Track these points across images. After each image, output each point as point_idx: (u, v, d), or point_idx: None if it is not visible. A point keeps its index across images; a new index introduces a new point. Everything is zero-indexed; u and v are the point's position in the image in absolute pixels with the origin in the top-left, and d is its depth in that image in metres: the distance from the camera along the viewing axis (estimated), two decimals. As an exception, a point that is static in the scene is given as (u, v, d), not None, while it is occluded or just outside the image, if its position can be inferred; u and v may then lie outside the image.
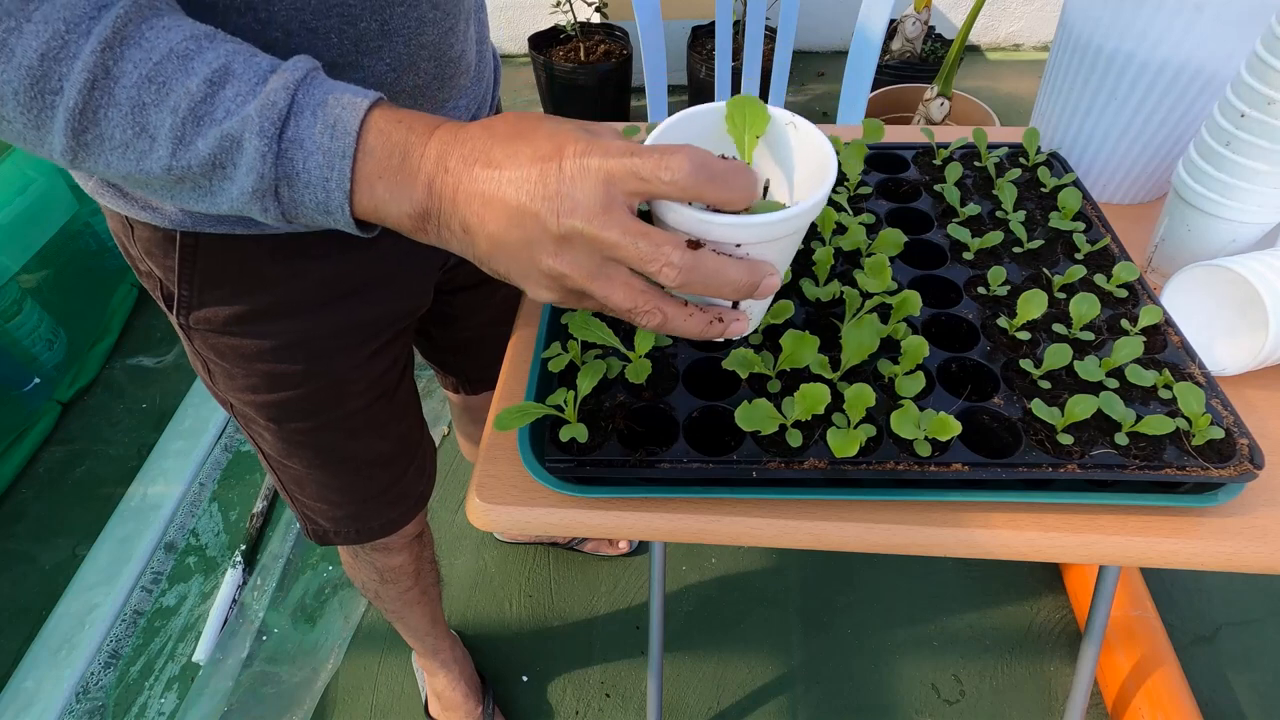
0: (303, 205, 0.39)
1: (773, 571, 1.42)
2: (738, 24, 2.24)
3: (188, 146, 0.37)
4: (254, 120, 0.36)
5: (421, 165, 0.37)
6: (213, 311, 0.59)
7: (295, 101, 0.37)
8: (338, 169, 0.37)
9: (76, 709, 1.29)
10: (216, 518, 1.56)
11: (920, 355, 0.53)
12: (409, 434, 0.79)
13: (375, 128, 0.38)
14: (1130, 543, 0.51)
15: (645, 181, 0.35)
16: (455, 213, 0.37)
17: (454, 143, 0.37)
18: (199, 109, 0.36)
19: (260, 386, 0.65)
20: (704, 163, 0.35)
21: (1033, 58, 2.83)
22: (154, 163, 0.37)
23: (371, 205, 0.39)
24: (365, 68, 0.51)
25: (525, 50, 2.54)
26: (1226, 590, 1.34)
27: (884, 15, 1.27)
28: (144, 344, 1.92)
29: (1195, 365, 0.55)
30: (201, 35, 0.38)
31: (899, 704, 1.24)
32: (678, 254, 0.36)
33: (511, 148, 0.36)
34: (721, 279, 0.38)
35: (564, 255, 0.36)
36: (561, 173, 0.35)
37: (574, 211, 0.35)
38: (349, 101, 0.38)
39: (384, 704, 1.28)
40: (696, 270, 0.36)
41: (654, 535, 0.54)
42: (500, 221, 0.36)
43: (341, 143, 0.37)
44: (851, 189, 0.72)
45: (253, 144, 0.36)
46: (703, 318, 0.40)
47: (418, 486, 0.84)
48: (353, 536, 0.81)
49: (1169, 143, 0.73)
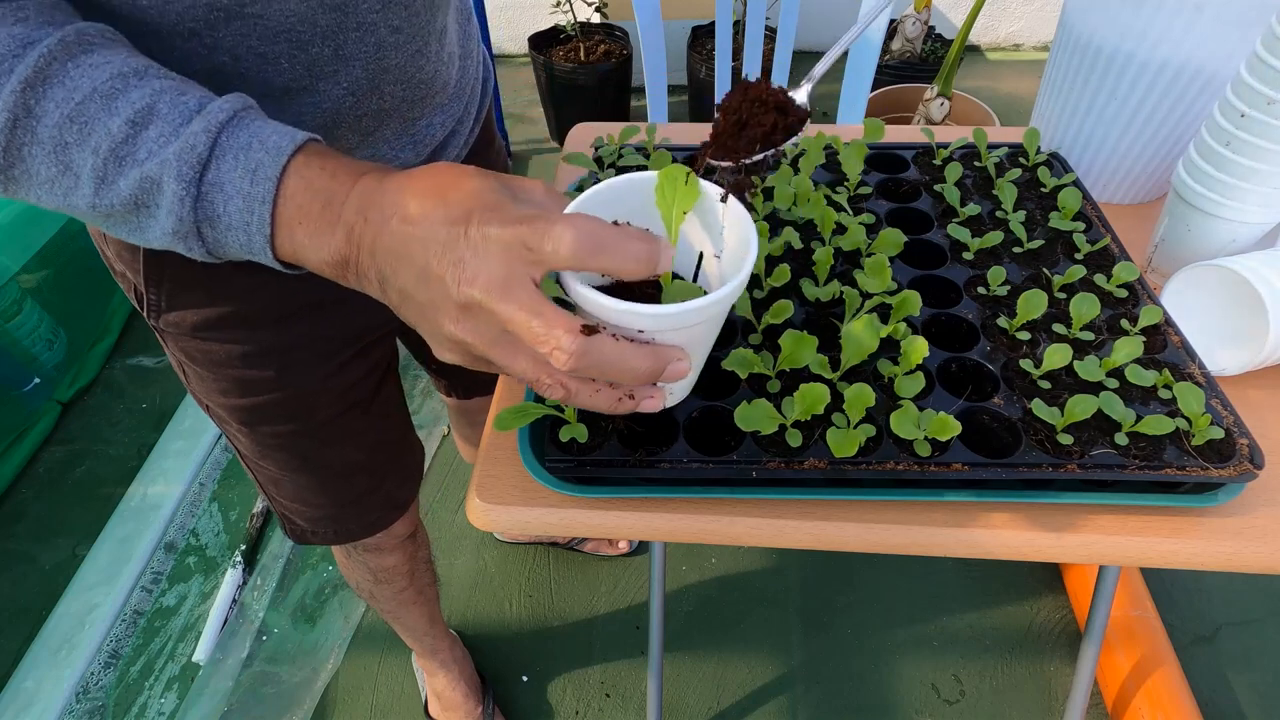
0: (226, 245, 0.39)
1: (773, 571, 1.42)
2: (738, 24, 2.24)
3: (110, 186, 0.37)
4: (172, 164, 0.36)
5: (342, 214, 0.37)
6: (180, 316, 0.59)
7: (218, 144, 0.37)
8: (257, 214, 0.37)
9: (76, 709, 1.29)
10: (216, 518, 1.56)
11: (920, 355, 0.53)
12: (388, 442, 0.79)
13: (297, 173, 0.37)
14: (1130, 543, 0.51)
15: (532, 252, 0.34)
16: (373, 264, 0.37)
17: (376, 192, 0.37)
18: (120, 149, 0.37)
19: (231, 391, 0.64)
20: (590, 232, 0.33)
21: (1033, 58, 2.83)
22: (79, 199, 0.38)
23: (291, 250, 0.38)
24: (321, 92, 0.50)
25: (525, 50, 2.54)
26: (1226, 590, 1.34)
27: (884, 15, 1.27)
28: (144, 344, 1.92)
29: (1195, 365, 0.55)
30: (130, 73, 0.37)
31: (899, 704, 1.24)
32: (568, 339, 0.34)
33: (428, 205, 0.35)
34: (618, 367, 0.36)
35: (465, 322, 0.35)
36: (467, 239, 0.34)
37: (474, 281, 0.34)
38: (273, 145, 0.37)
39: (384, 704, 1.28)
40: (588, 356, 0.34)
41: (654, 535, 0.54)
42: (409, 279, 0.35)
43: (262, 188, 0.37)
44: (851, 189, 0.72)
45: (171, 187, 0.36)
46: (610, 395, 0.39)
47: (399, 492, 0.83)
48: (330, 537, 0.81)
49: (1169, 143, 0.73)
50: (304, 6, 0.45)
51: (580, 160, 0.73)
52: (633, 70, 2.42)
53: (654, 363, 0.37)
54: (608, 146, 0.77)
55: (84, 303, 1.84)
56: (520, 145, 2.52)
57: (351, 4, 0.47)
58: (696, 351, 0.42)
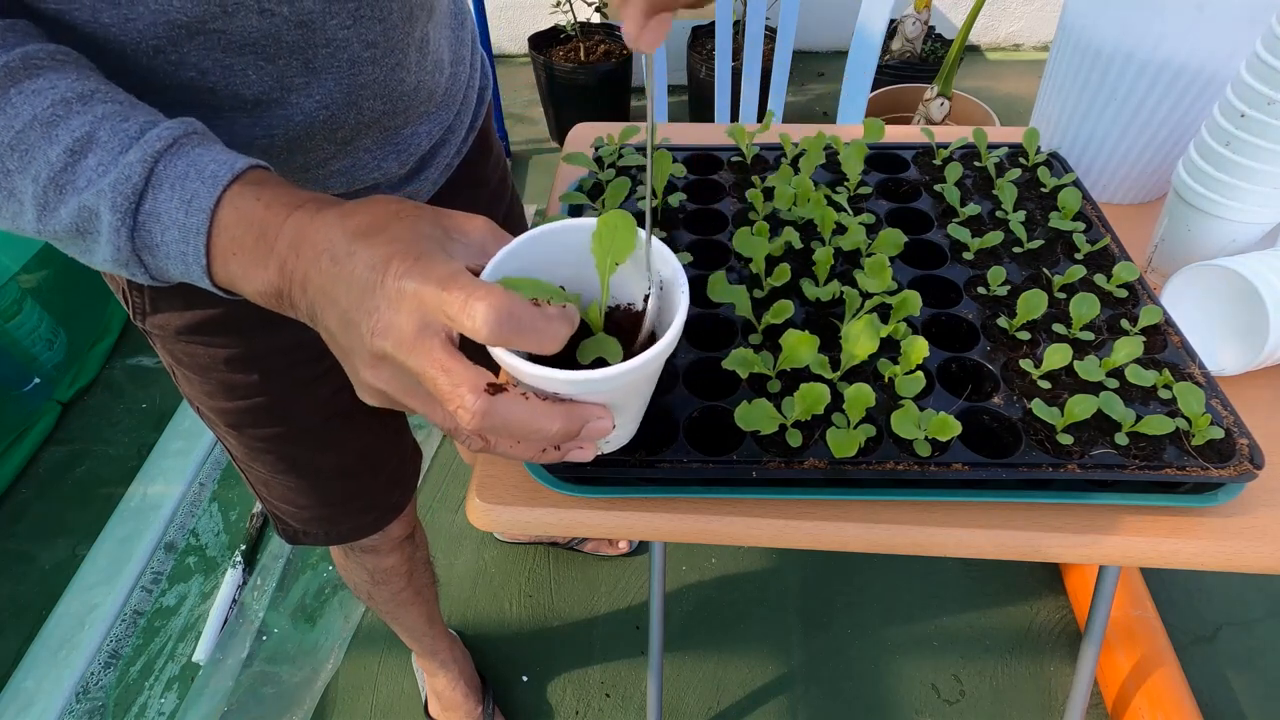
0: (168, 272, 0.39)
1: (773, 571, 1.42)
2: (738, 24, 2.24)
3: (51, 213, 0.37)
4: (107, 194, 0.36)
5: (275, 247, 0.36)
6: (165, 319, 0.59)
7: (154, 174, 0.37)
8: (193, 245, 0.37)
9: (76, 709, 1.29)
10: (216, 518, 1.56)
11: (920, 355, 0.53)
12: (377, 447, 0.78)
13: (232, 204, 0.37)
14: (1130, 543, 0.51)
15: (452, 321, 0.33)
16: (303, 299, 0.36)
17: (309, 227, 0.36)
18: (60, 178, 0.37)
19: (218, 394, 0.64)
20: (510, 312, 0.32)
21: (1033, 58, 2.83)
22: (26, 224, 0.38)
23: (227, 278, 0.38)
24: (292, 104, 0.50)
25: (525, 50, 2.54)
26: (1226, 590, 1.34)
27: (884, 15, 1.27)
28: (144, 344, 1.92)
29: (1195, 365, 0.55)
30: (74, 98, 0.37)
31: (899, 704, 1.24)
32: (471, 398, 0.32)
33: (355, 246, 0.34)
34: (528, 427, 0.34)
35: (379, 371, 0.35)
36: (383, 289, 0.33)
37: (386, 333, 0.33)
38: (210, 175, 0.37)
39: (384, 704, 1.28)
40: (492, 416, 0.33)
41: (654, 535, 0.54)
42: (333, 321, 0.35)
43: (196, 219, 0.37)
44: (851, 189, 0.72)
45: (106, 218, 0.37)
46: (532, 446, 0.37)
47: (390, 496, 0.83)
48: (322, 538, 0.81)
49: (1169, 143, 0.73)
50: (268, 23, 0.45)
51: (580, 160, 0.73)
52: (633, 70, 2.41)
53: (566, 423, 0.36)
54: (608, 146, 0.77)
55: (84, 303, 1.84)
56: (520, 145, 2.52)
57: (319, 21, 0.47)
58: (628, 406, 0.41)
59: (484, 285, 0.33)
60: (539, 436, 0.35)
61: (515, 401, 0.34)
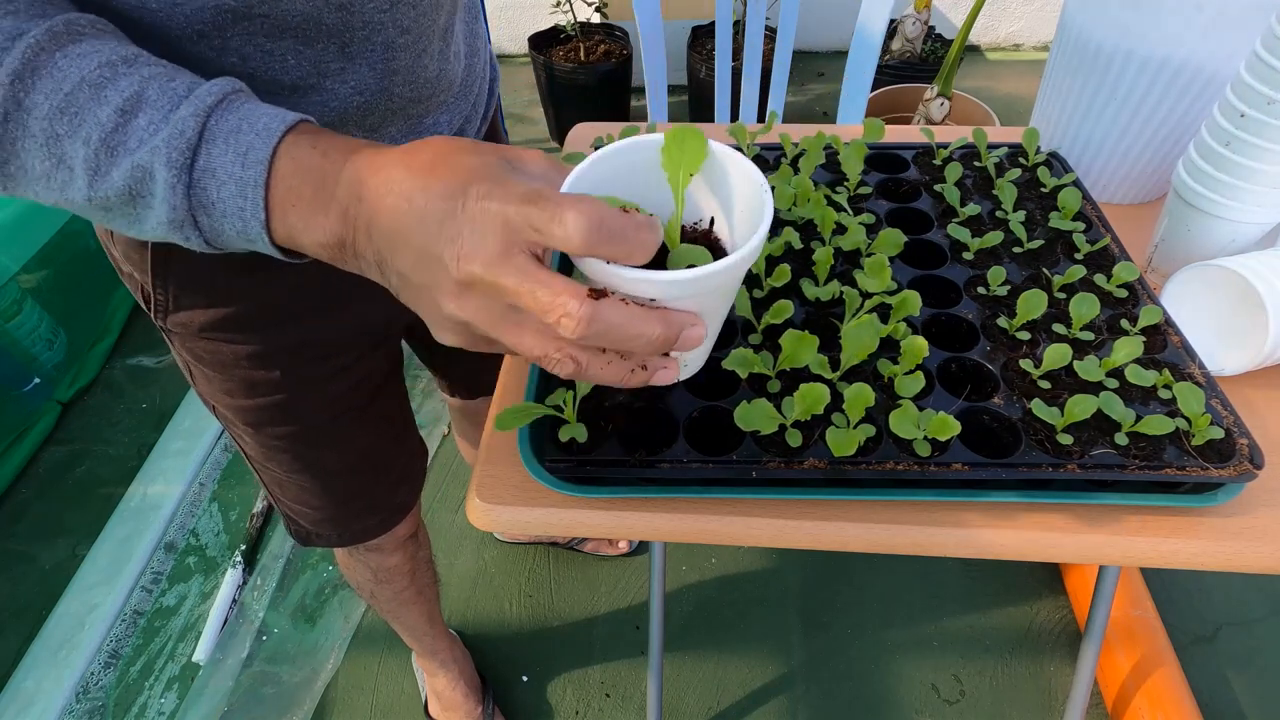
0: (223, 233, 0.38)
1: (773, 571, 1.42)
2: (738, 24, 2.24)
3: (103, 177, 0.36)
4: (162, 150, 0.36)
5: (335, 194, 0.36)
6: (189, 316, 0.59)
7: (207, 128, 0.36)
8: (251, 198, 0.36)
9: (76, 709, 1.29)
10: (216, 518, 1.56)
11: (920, 355, 0.53)
12: (390, 444, 0.79)
13: (288, 155, 0.37)
14: (1130, 543, 0.51)
15: (540, 234, 0.33)
16: (369, 245, 0.36)
17: (369, 170, 0.35)
18: (111, 139, 0.36)
19: (237, 391, 0.64)
20: (600, 220, 0.32)
21: (1033, 58, 2.83)
22: (75, 193, 0.37)
23: (286, 233, 0.37)
24: (328, 90, 0.50)
25: (525, 50, 2.54)
26: (1226, 590, 1.34)
27: (884, 15, 1.27)
28: (144, 344, 1.92)
29: (1195, 365, 0.55)
30: (119, 61, 0.37)
31: (899, 704, 1.24)
32: (575, 304, 0.32)
33: (423, 182, 0.34)
34: (629, 332, 0.34)
35: (466, 301, 0.34)
36: (464, 214, 0.33)
37: (473, 257, 0.33)
38: (263, 127, 0.37)
39: (384, 704, 1.28)
40: (597, 322, 0.33)
41: (654, 535, 0.54)
42: (407, 260, 0.35)
43: (253, 172, 0.36)
44: (851, 189, 0.72)
45: (162, 175, 0.36)
46: (622, 366, 0.37)
47: (399, 496, 0.84)
48: (334, 540, 0.81)
49: (1169, 143, 0.73)
50: (310, 6, 0.45)
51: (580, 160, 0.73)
52: (633, 70, 2.41)
53: (666, 329, 0.35)
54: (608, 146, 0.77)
55: (84, 303, 1.84)
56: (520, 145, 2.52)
57: (358, 4, 0.47)
58: (711, 319, 0.40)
59: (571, 195, 0.33)
60: (640, 342, 0.35)
61: (617, 306, 0.34)
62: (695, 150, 0.39)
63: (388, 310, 0.68)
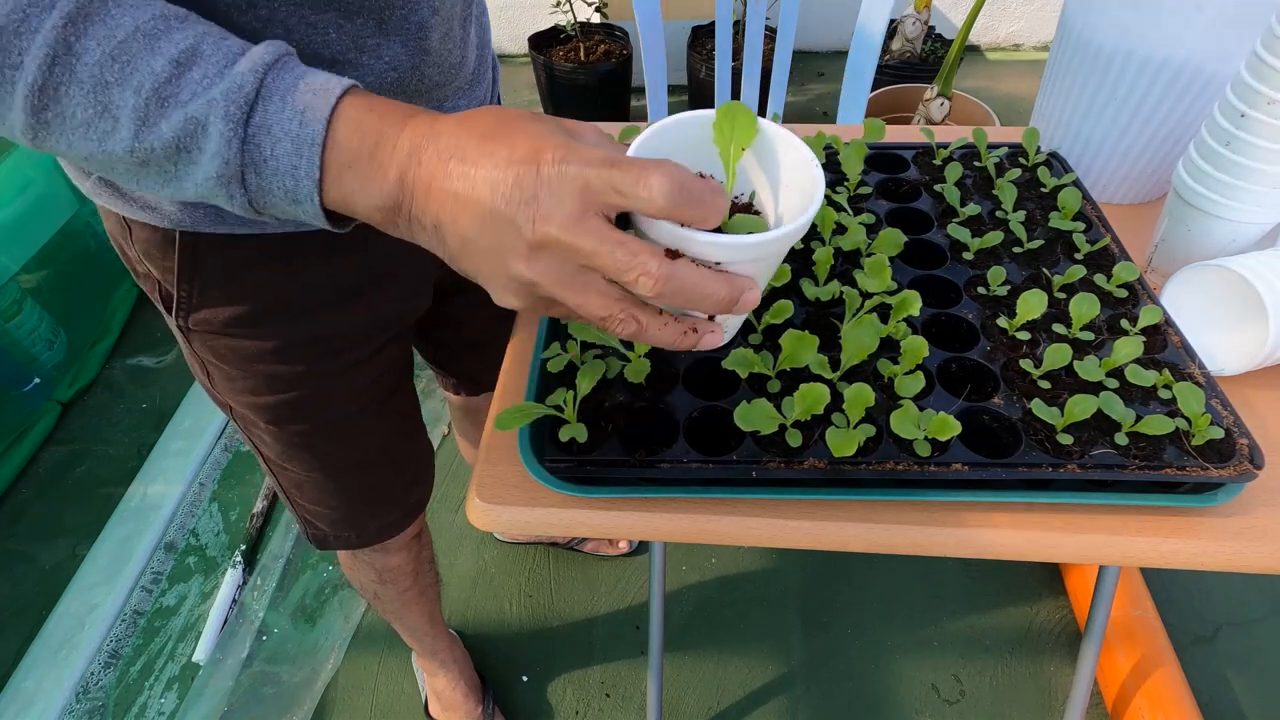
0: (270, 193, 0.37)
1: (773, 571, 1.42)
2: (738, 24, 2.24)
3: (151, 128, 0.36)
4: (219, 103, 0.35)
5: (393, 157, 0.36)
6: (212, 312, 0.59)
7: (264, 85, 0.36)
8: (306, 157, 0.36)
9: (76, 709, 1.29)
10: (216, 518, 1.56)
11: (920, 355, 0.53)
12: (407, 439, 0.79)
13: (346, 115, 0.36)
14: (1130, 543, 0.51)
15: (623, 196, 0.34)
16: (428, 208, 0.36)
17: (429, 135, 0.36)
18: (163, 90, 0.35)
19: (260, 388, 0.64)
20: (683, 183, 0.34)
21: (1033, 58, 2.83)
22: (116, 144, 0.36)
23: (340, 195, 0.37)
24: (364, 65, 0.51)
25: (525, 50, 2.54)
26: (1226, 590, 1.34)
27: (884, 15, 1.27)
28: (144, 344, 1.92)
29: (1195, 365, 0.55)
30: (171, 15, 0.37)
31: (899, 704, 1.24)
32: (655, 263, 0.34)
33: (488, 146, 0.34)
34: (700, 291, 0.36)
35: (537, 262, 0.35)
36: (539, 177, 0.33)
37: (550, 218, 0.33)
38: (320, 87, 0.36)
39: (384, 704, 1.28)
40: (673, 280, 0.35)
41: (654, 535, 0.54)
42: (472, 223, 0.35)
43: (311, 129, 0.36)
44: (851, 189, 0.72)
45: (217, 128, 0.35)
46: (677, 328, 0.39)
47: (415, 492, 0.84)
48: (352, 541, 0.81)
49: (1169, 143, 0.73)
50: None
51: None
52: (633, 70, 2.42)
53: (730, 290, 0.37)
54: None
55: (84, 303, 1.84)
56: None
57: None
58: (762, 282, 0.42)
59: (653, 159, 0.34)
60: (709, 301, 0.37)
61: (690, 266, 0.36)
62: (746, 126, 0.40)
63: (401, 303, 0.68)
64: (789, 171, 0.42)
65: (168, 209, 0.53)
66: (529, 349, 0.65)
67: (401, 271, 0.66)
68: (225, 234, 0.54)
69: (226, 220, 0.53)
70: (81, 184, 0.55)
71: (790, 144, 0.41)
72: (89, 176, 0.54)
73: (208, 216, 0.53)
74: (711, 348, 0.41)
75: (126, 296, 1.96)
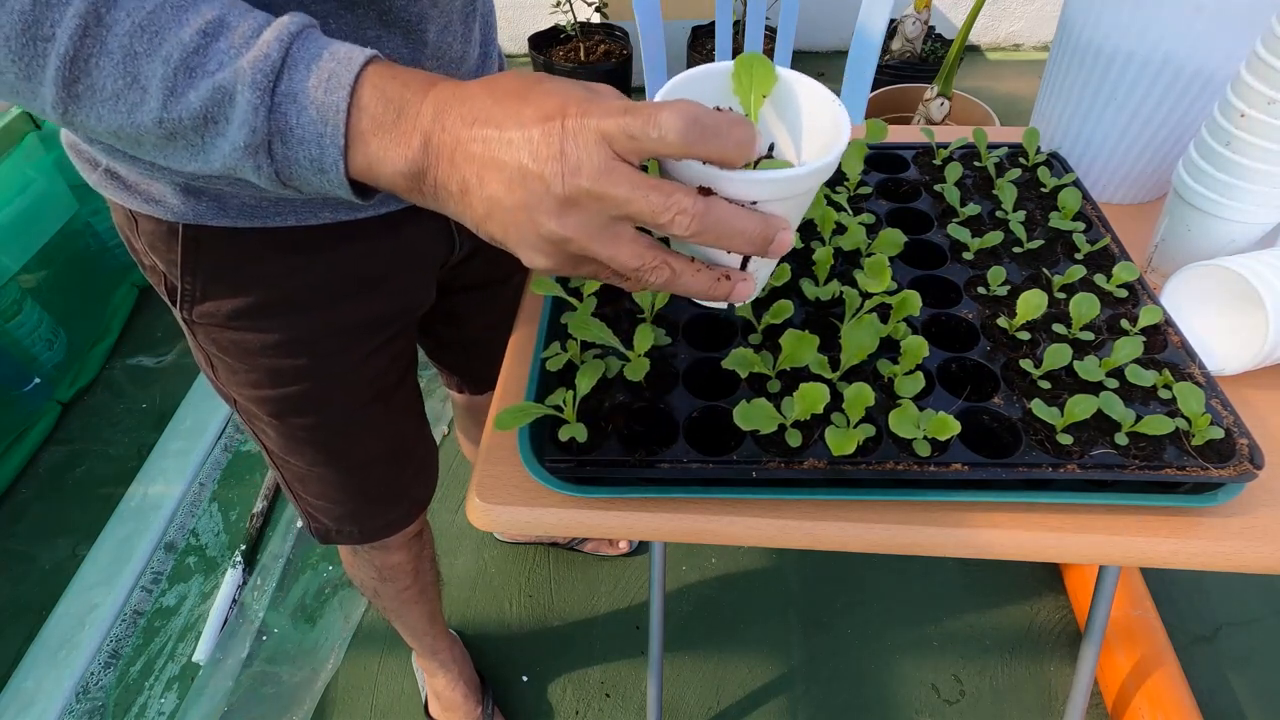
0: (296, 163, 0.38)
1: (773, 571, 1.42)
2: (738, 24, 2.24)
3: (179, 98, 0.36)
4: (246, 72, 0.35)
5: (418, 122, 0.36)
6: (215, 305, 0.59)
7: (290, 55, 0.36)
8: (332, 124, 0.36)
9: (76, 709, 1.29)
10: (216, 518, 1.56)
11: (920, 355, 0.53)
12: (410, 434, 0.79)
13: (370, 83, 0.37)
14: (1130, 543, 0.51)
15: (636, 140, 0.34)
16: (454, 172, 0.36)
17: (453, 100, 0.36)
18: (191, 60, 0.36)
19: (263, 382, 0.65)
20: (695, 117, 0.34)
21: (1033, 58, 2.83)
22: (145, 115, 0.37)
23: (365, 163, 0.38)
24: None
25: (525, 50, 2.54)
26: (1226, 590, 1.34)
27: (884, 15, 1.27)
28: (144, 344, 1.92)
29: (1195, 365, 0.55)
30: None
31: (899, 704, 1.24)
32: (690, 200, 0.35)
33: (512, 107, 0.35)
34: (736, 228, 0.36)
35: (568, 217, 0.35)
36: (565, 132, 0.34)
37: (579, 171, 0.34)
38: (344, 55, 0.37)
39: (384, 704, 1.28)
40: (710, 216, 0.35)
41: (654, 535, 0.54)
42: (500, 183, 0.35)
43: (336, 96, 0.36)
44: (851, 189, 0.72)
45: (245, 96, 0.36)
46: (710, 275, 0.39)
47: (419, 487, 0.84)
48: (355, 536, 0.81)
49: (1169, 143, 0.73)
50: None
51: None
52: (633, 70, 2.41)
53: (765, 228, 0.37)
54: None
55: (84, 303, 1.84)
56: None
57: None
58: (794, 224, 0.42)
59: (664, 101, 0.34)
60: (744, 239, 0.37)
61: (724, 204, 0.36)
62: (764, 74, 0.41)
63: (404, 298, 0.68)
64: (810, 117, 0.42)
65: (172, 202, 0.53)
66: (529, 348, 0.65)
67: (404, 267, 0.66)
68: (228, 227, 0.54)
69: (229, 213, 0.53)
70: (89, 176, 0.55)
71: (809, 88, 0.41)
72: (96, 168, 0.54)
73: (211, 210, 0.53)
74: (743, 299, 0.41)
75: (126, 297, 1.96)
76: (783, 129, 0.44)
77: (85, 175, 0.55)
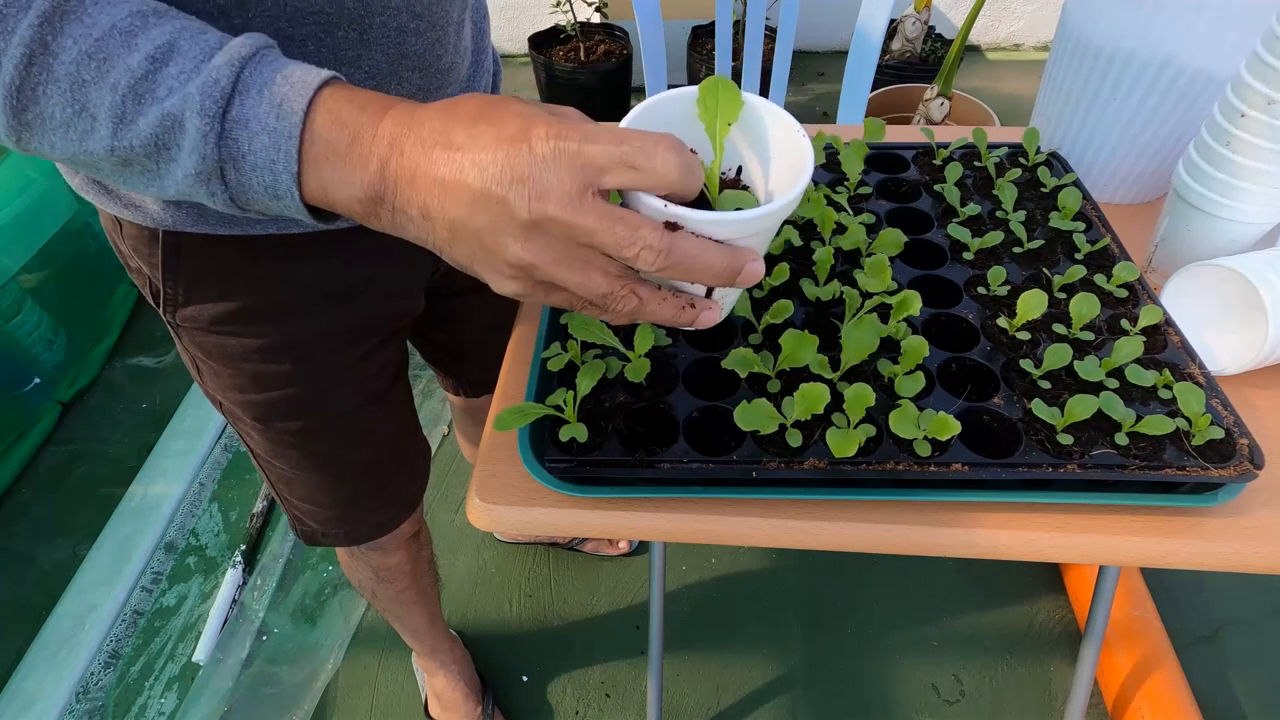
0: (251, 189, 0.37)
1: (773, 571, 1.42)
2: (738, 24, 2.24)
3: (129, 125, 0.35)
4: (195, 99, 0.34)
5: (373, 148, 0.35)
6: (198, 310, 0.59)
7: (241, 79, 0.35)
8: (284, 150, 0.35)
9: (76, 709, 1.29)
10: (216, 518, 1.56)
11: (920, 355, 0.53)
12: (399, 439, 0.79)
13: (324, 108, 0.36)
14: (1131, 543, 0.51)
15: (637, 171, 0.33)
16: (414, 197, 0.35)
17: (410, 124, 0.35)
18: (140, 86, 0.35)
19: (247, 386, 0.64)
20: (687, 159, 0.34)
21: (1033, 58, 2.83)
22: (96, 143, 0.36)
23: (320, 189, 0.37)
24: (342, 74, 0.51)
25: (525, 50, 2.54)
26: (1227, 590, 1.34)
27: (884, 15, 1.27)
28: (144, 344, 1.92)
29: (1195, 365, 0.55)
30: (149, 11, 0.36)
31: (899, 704, 1.24)
32: (655, 236, 0.34)
33: (474, 129, 0.34)
34: (701, 263, 0.36)
35: (533, 243, 0.34)
36: (532, 155, 0.33)
37: (545, 196, 0.33)
38: (298, 80, 0.36)
39: (384, 704, 1.28)
40: (674, 253, 0.35)
41: (654, 535, 0.54)
42: (462, 207, 0.34)
43: (287, 123, 0.35)
44: (851, 189, 0.72)
45: (194, 123, 0.35)
46: (675, 303, 0.39)
47: (407, 491, 0.84)
48: (341, 538, 0.81)
49: (1169, 143, 0.73)
50: None
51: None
52: (633, 70, 2.41)
53: (731, 260, 0.37)
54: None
55: (84, 303, 1.84)
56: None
57: None
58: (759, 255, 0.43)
59: (658, 134, 0.34)
60: (710, 273, 0.36)
61: (689, 238, 0.36)
62: (730, 100, 0.40)
63: (389, 306, 0.68)
64: (777, 144, 0.42)
65: (151, 208, 0.52)
66: (529, 349, 0.65)
67: (389, 275, 0.66)
68: (207, 234, 0.54)
69: (208, 220, 0.53)
70: (72, 180, 0.55)
71: (776, 116, 0.41)
72: (77, 174, 0.54)
73: (189, 216, 0.53)
74: (709, 325, 0.41)
75: (127, 297, 1.96)
76: (750, 153, 0.43)
77: (69, 180, 0.55)
